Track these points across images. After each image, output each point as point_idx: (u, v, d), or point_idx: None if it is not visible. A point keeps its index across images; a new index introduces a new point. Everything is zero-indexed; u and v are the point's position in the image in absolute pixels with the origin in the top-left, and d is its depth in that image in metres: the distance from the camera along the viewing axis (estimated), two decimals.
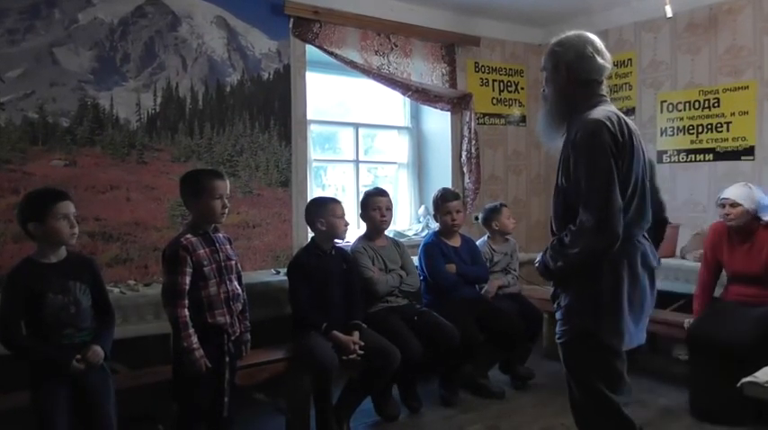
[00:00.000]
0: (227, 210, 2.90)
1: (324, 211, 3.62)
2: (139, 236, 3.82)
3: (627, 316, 2.19)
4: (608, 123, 2.13)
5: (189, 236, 2.83)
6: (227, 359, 2.85)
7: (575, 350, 2.27)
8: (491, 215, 4.52)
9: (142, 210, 3.84)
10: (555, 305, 2.35)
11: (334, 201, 3.69)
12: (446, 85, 5.21)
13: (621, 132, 2.15)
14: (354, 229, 4.46)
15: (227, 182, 2.94)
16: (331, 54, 4.54)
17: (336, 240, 3.70)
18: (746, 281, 3.65)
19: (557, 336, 2.35)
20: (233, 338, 2.90)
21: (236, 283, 2.95)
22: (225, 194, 2.88)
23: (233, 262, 2.96)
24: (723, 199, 3.70)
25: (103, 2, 3.76)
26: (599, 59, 2.29)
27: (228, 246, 2.98)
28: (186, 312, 2.73)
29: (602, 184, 2.10)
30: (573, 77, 2.30)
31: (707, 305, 3.79)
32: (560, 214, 2.29)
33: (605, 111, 2.21)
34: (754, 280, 3.62)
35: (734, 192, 3.67)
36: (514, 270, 4.55)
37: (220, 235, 2.97)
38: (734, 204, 3.64)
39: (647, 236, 2.31)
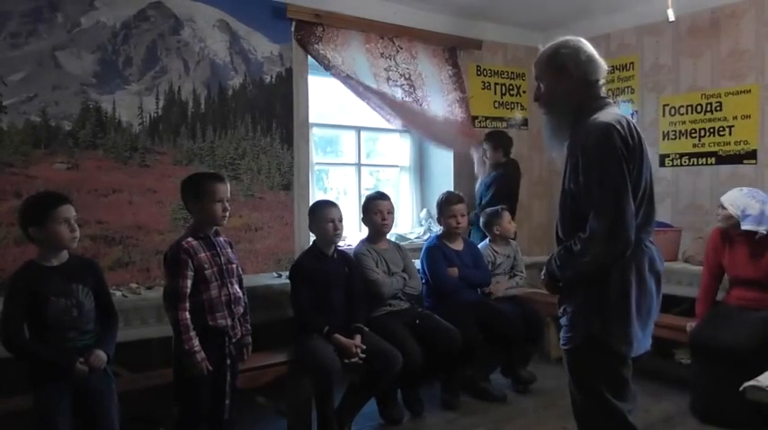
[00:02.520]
0: (227, 213, 2.91)
1: (315, 215, 3.65)
2: (141, 239, 3.82)
3: (635, 321, 2.16)
4: (618, 127, 2.10)
5: (190, 239, 2.83)
6: (229, 362, 2.85)
7: (581, 356, 2.24)
8: (492, 219, 4.52)
9: (144, 214, 3.84)
10: (560, 311, 2.33)
11: (326, 205, 3.68)
12: (452, 88, 5.21)
13: (631, 136, 2.12)
14: (356, 233, 4.46)
15: (228, 185, 2.95)
16: (327, 66, 4.53)
17: (338, 243, 3.69)
18: (748, 284, 3.64)
19: (561, 343, 2.31)
20: (234, 341, 2.90)
21: (236, 287, 2.95)
22: (225, 197, 2.89)
23: (234, 265, 2.97)
24: (720, 200, 3.74)
25: (106, 5, 3.78)
26: (601, 60, 2.29)
27: (229, 250, 2.99)
28: (187, 315, 2.74)
29: (614, 190, 2.06)
30: (583, 79, 2.26)
31: (709, 309, 3.79)
32: (568, 219, 2.26)
33: (613, 114, 2.18)
34: (755, 284, 3.61)
35: (726, 194, 3.73)
36: (521, 271, 4.55)
37: (221, 238, 2.98)
38: (722, 206, 3.67)
39: (652, 240, 2.29)
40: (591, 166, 2.11)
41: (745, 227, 3.58)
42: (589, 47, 2.29)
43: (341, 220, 3.62)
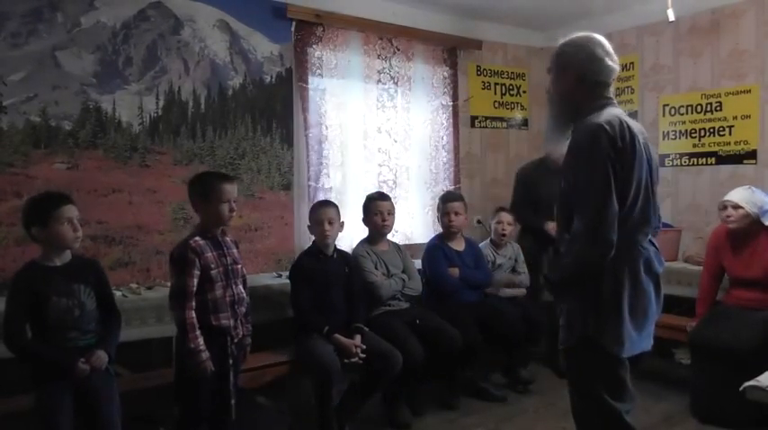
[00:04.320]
0: (234, 214, 2.92)
1: (311, 216, 3.68)
2: (142, 239, 3.82)
3: (627, 322, 2.15)
4: (607, 127, 2.09)
5: (197, 238, 2.84)
6: (231, 361, 2.85)
7: (577, 356, 2.25)
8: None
9: (144, 214, 3.84)
10: (558, 311, 2.34)
11: (319, 205, 3.71)
12: (448, 89, 5.21)
13: (622, 137, 2.10)
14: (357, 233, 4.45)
15: (236, 185, 2.95)
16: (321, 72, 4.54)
17: (331, 243, 3.68)
18: (748, 284, 3.64)
19: (559, 343, 2.32)
20: (236, 341, 2.90)
21: (241, 287, 2.96)
22: (233, 198, 2.89)
23: (239, 266, 2.97)
24: (726, 200, 3.70)
25: (106, 5, 3.78)
26: (608, 61, 2.26)
27: (235, 250, 2.99)
28: (193, 314, 2.75)
29: (596, 191, 2.06)
30: (581, 79, 2.25)
31: (709, 309, 3.79)
32: (563, 218, 2.26)
33: (608, 114, 2.17)
34: (756, 284, 3.61)
35: (737, 194, 3.68)
36: (523, 272, 4.55)
37: (228, 238, 2.98)
38: (736, 206, 3.64)
39: (652, 241, 2.28)
40: (578, 167, 2.12)
41: None
42: (597, 47, 2.26)
43: (331, 222, 3.61)
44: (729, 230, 3.73)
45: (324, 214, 3.61)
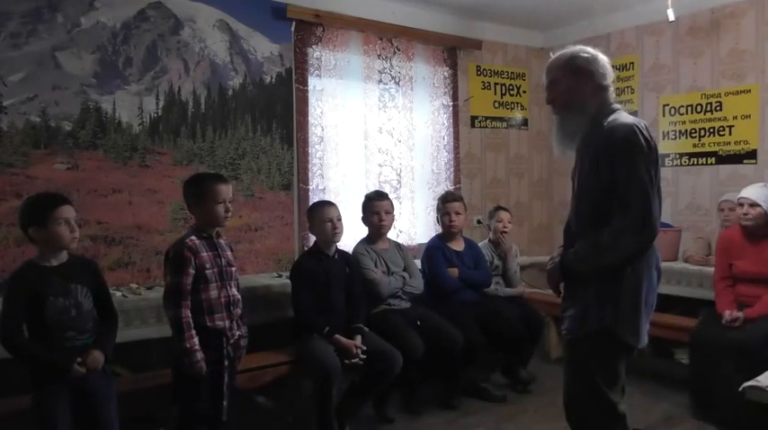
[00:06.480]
0: (230, 214, 2.92)
1: (313, 216, 3.66)
2: (141, 239, 3.82)
3: (643, 314, 2.24)
4: (640, 128, 2.19)
5: (193, 238, 2.84)
6: (226, 363, 2.85)
7: (587, 347, 2.28)
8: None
9: (144, 214, 3.84)
10: (568, 303, 2.35)
11: (323, 205, 3.71)
12: (448, 89, 5.22)
13: (650, 138, 2.21)
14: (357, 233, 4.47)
15: (230, 185, 2.95)
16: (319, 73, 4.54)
17: (338, 244, 3.69)
18: (753, 282, 3.62)
19: (565, 333, 2.35)
20: (231, 342, 2.90)
21: (235, 289, 2.96)
22: (227, 198, 2.89)
23: (233, 268, 2.97)
24: (742, 198, 3.66)
25: (106, 6, 3.78)
26: (609, 64, 2.37)
27: (229, 253, 2.99)
28: (189, 313, 2.75)
29: (642, 186, 2.14)
30: (599, 82, 2.34)
31: (730, 305, 3.67)
32: (587, 214, 2.30)
33: (632, 117, 2.27)
34: (760, 281, 3.60)
35: (754, 192, 3.64)
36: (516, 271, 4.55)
37: (222, 240, 2.98)
38: (753, 204, 3.61)
39: None
40: (618, 164, 2.17)
41: None
42: (599, 52, 2.38)
43: (339, 219, 3.63)
44: (742, 227, 3.71)
45: (330, 212, 3.61)
